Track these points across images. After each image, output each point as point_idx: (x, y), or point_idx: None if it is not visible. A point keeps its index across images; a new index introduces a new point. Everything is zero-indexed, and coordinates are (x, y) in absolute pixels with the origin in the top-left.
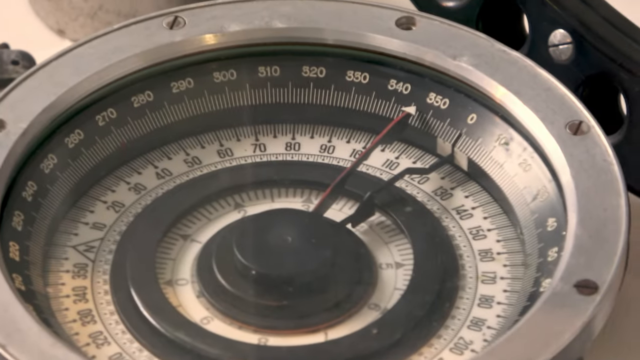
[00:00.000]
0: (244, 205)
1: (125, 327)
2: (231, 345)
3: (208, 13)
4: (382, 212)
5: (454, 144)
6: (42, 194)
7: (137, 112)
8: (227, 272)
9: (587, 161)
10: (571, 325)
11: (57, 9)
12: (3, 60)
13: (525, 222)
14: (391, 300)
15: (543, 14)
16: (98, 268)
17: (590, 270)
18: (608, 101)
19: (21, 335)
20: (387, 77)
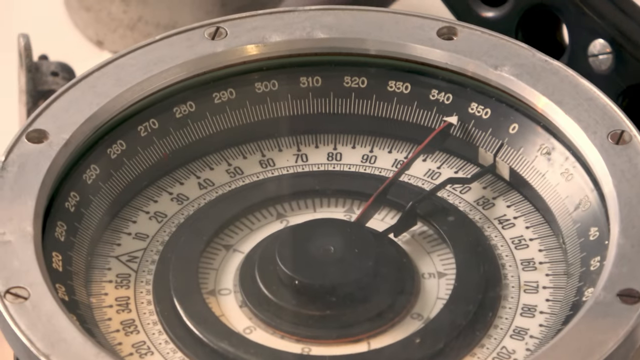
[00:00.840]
0: (286, 215)
1: (168, 337)
2: (274, 354)
3: (249, 24)
4: (424, 222)
5: (495, 153)
6: (85, 205)
7: (179, 122)
8: (269, 282)
9: (629, 171)
10: (614, 334)
11: (96, 20)
12: (42, 72)
13: (567, 232)
14: (434, 309)
15: (582, 24)
16: (141, 278)
17: (633, 279)
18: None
19: (65, 345)
20: (428, 87)
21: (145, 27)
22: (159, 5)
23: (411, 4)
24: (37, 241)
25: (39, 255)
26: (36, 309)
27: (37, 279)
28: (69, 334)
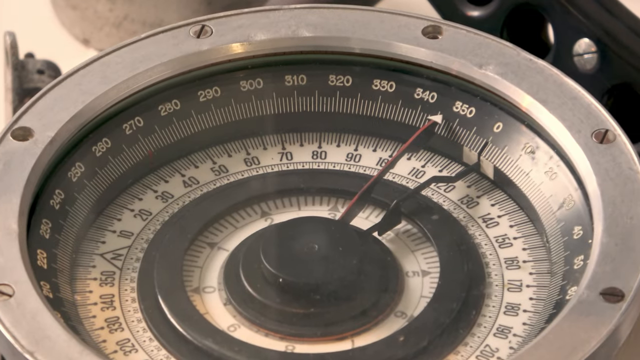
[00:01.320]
0: (271, 213)
1: (152, 335)
2: (258, 352)
3: (235, 22)
4: (409, 221)
5: (480, 152)
6: (70, 202)
7: (164, 120)
8: (254, 280)
9: (613, 170)
10: (597, 333)
11: (82, 18)
12: (28, 70)
13: (551, 231)
14: (417, 307)
15: (567, 23)
16: (125, 276)
17: (616, 278)
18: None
19: (50, 342)
20: (413, 86)
21: (131, 26)
22: (145, 3)
23: (397, 3)
24: (22, 238)
25: (24, 253)
26: (21, 306)
27: (22, 276)
28: (53, 332)
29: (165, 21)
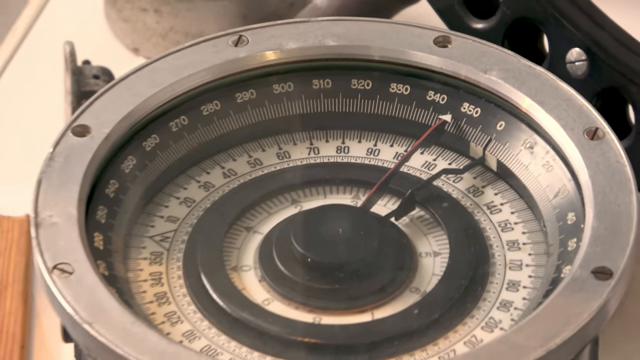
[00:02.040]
0: (300, 201)
1: (196, 308)
2: (289, 323)
3: (268, 32)
4: (422, 208)
5: (484, 147)
6: (123, 191)
7: (206, 119)
8: (285, 260)
9: (603, 163)
10: (588, 307)
11: (132, 30)
12: (85, 75)
13: (547, 216)
14: (430, 284)
15: (561, 35)
16: (172, 256)
17: (605, 258)
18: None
19: (105, 314)
20: (425, 89)
21: (176, 36)
22: (188, 16)
23: (411, 16)
24: (81, 223)
25: (82, 236)
26: (80, 282)
27: (81, 256)
28: (108, 305)
29: (206, 32)
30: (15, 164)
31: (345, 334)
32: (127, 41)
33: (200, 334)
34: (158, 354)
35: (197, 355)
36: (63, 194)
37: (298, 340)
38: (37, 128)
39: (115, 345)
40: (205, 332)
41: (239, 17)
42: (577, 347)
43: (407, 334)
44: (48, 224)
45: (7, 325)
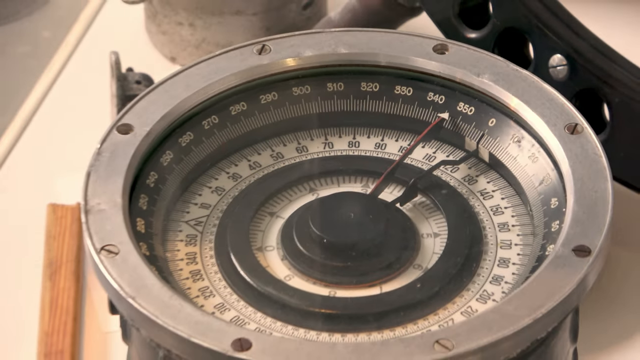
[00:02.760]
0: (317, 189)
1: (226, 283)
2: (307, 296)
3: (288, 42)
4: (423, 194)
5: (478, 141)
6: (162, 182)
7: (234, 118)
8: (304, 241)
9: (582, 154)
10: (570, 281)
11: (170, 41)
12: (129, 81)
13: (533, 201)
14: (431, 261)
15: (544, 43)
16: (205, 238)
17: (584, 237)
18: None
19: (146, 290)
20: (426, 91)
21: (208, 46)
22: (218, 29)
23: (413, 27)
24: (125, 210)
25: (126, 221)
26: (124, 262)
27: (125, 238)
28: (149, 281)
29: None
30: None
31: (356, 306)
32: (165, 51)
33: (230, 306)
34: (193, 323)
35: (227, 324)
36: (109, 184)
37: (315, 311)
38: (86, 127)
39: (155, 316)
40: (234, 305)
41: (263, 29)
42: (560, 315)
43: (411, 305)
44: (96, 211)
45: (62, 300)
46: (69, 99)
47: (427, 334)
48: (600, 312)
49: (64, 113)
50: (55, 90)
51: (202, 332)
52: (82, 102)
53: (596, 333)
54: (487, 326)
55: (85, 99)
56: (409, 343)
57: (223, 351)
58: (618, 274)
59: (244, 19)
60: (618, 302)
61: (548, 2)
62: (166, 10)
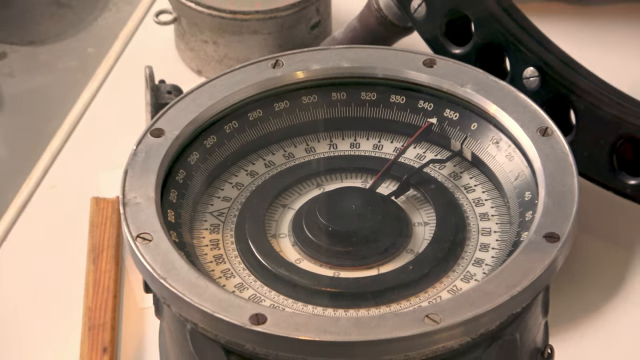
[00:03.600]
0: (323, 184)
1: (244, 266)
2: (315, 277)
3: (298, 57)
4: (415, 189)
5: (462, 143)
6: (189, 178)
7: (252, 123)
8: (312, 229)
9: (552, 154)
10: (541, 263)
11: (196, 57)
12: (161, 91)
13: (510, 194)
14: (421, 246)
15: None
16: (226, 227)
17: (554, 226)
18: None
19: (176, 271)
20: (417, 99)
21: (229, 61)
22: (238, 46)
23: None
24: (157, 202)
25: (159, 212)
26: (157, 247)
27: (157, 227)
28: (178, 264)
29: (251, 58)
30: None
31: (357, 285)
32: (192, 65)
33: (248, 286)
34: (216, 301)
35: (246, 302)
36: (144, 180)
37: (322, 290)
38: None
39: (183, 294)
40: (251, 284)
41: (276, 46)
42: (533, 293)
43: (404, 284)
44: (133, 204)
45: (103, 280)
46: (109, 106)
47: (418, 309)
48: (567, 289)
49: (106, 118)
50: (98, 98)
51: (224, 308)
52: (121, 109)
53: (564, 308)
54: (470, 302)
55: (123, 106)
56: (402, 317)
57: (242, 325)
58: (583, 256)
59: (260, 37)
60: (583, 281)
61: (522, 22)
62: (193, 30)
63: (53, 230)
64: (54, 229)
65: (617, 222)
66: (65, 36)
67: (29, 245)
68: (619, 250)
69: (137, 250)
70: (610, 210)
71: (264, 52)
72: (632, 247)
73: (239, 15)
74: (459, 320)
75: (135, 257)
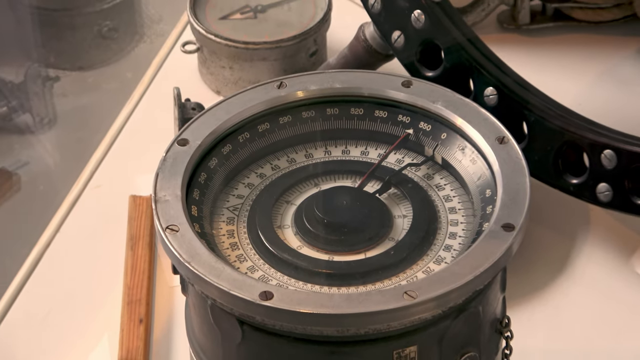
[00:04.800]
0: (320, 184)
1: (255, 251)
2: (313, 261)
3: (299, 79)
4: (395, 187)
5: (434, 149)
6: (209, 180)
7: (261, 134)
8: (311, 221)
9: (508, 159)
10: (500, 248)
11: (216, 80)
12: (187, 108)
13: (474, 192)
14: (401, 235)
15: (481, 79)
16: (240, 219)
17: (510, 218)
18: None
19: (199, 257)
20: (397, 114)
21: (243, 83)
22: (250, 71)
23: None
24: (183, 200)
25: (184, 207)
26: (183, 237)
27: (183, 220)
28: (200, 250)
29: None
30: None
31: (348, 267)
32: (212, 86)
33: (258, 268)
34: (231, 280)
35: (256, 281)
36: (172, 181)
37: (319, 271)
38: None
39: (204, 275)
40: (261, 267)
41: (281, 70)
42: (493, 273)
43: (386, 266)
44: (163, 201)
45: (139, 264)
46: (144, 120)
47: (398, 287)
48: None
49: (141, 130)
50: (135, 114)
51: (238, 286)
52: (153, 123)
53: (519, 285)
54: (441, 281)
55: (156, 120)
56: (385, 294)
57: (253, 300)
58: (534, 243)
59: (268, 63)
60: (534, 263)
61: (483, 50)
62: (213, 58)
63: (98, 223)
64: (99, 222)
65: (561, 215)
66: (108, 63)
67: (79, 234)
68: (563, 238)
69: (167, 239)
70: (556, 204)
71: (271, 75)
72: (574, 235)
73: (251, 45)
74: (432, 296)
75: (165, 245)
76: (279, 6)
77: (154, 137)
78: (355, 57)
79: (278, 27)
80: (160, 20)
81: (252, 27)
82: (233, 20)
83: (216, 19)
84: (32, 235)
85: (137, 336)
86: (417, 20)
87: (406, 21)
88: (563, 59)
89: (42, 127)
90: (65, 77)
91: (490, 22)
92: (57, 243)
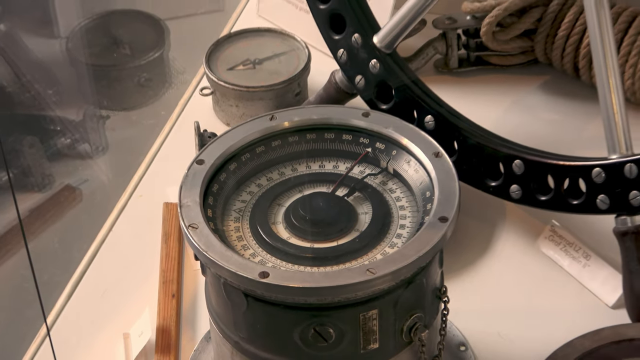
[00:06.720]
0: (303, 190)
1: (255, 242)
2: (299, 248)
3: (287, 113)
4: (359, 192)
5: (387, 162)
6: (220, 189)
7: (258, 154)
8: (297, 218)
9: (442, 168)
10: (437, 235)
11: (226, 115)
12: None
13: (417, 194)
14: (364, 227)
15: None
16: (244, 218)
17: (444, 212)
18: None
19: (213, 247)
20: (359, 137)
21: (245, 117)
22: (251, 107)
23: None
24: (201, 205)
25: (202, 210)
26: (201, 232)
27: (201, 220)
28: (214, 242)
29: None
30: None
31: (324, 252)
32: (224, 120)
33: (258, 254)
34: (238, 264)
35: (256, 264)
36: (192, 191)
37: (303, 255)
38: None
39: (217, 260)
40: (260, 253)
41: (274, 107)
42: (433, 254)
43: (353, 251)
44: (186, 206)
45: (171, 253)
46: (173, 147)
47: (362, 266)
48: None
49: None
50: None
51: (242, 268)
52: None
53: (452, 262)
54: (394, 261)
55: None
56: (352, 271)
57: (254, 278)
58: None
59: (264, 102)
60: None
61: (423, 88)
62: (224, 98)
63: (140, 223)
64: (141, 223)
65: (484, 209)
66: (146, 104)
67: (126, 233)
68: (486, 226)
69: (189, 234)
70: (480, 201)
71: (266, 110)
72: (494, 224)
73: (251, 89)
74: (387, 272)
75: (188, 239)
76: (271, 59)
77: (180, 159)
78: (328, 95)
79: (271, 75)
80: (184, 72)
81: (252, 75)
82: (238, 70)
83: (225, 70)
84: (91, 234)
85: (170, 307)
86: (374, 67)
87: (365, 68)
88: (483, 93)
89: (97, 153)
90: (114, 116)
91: (429, 68)
92: (110, 239)
